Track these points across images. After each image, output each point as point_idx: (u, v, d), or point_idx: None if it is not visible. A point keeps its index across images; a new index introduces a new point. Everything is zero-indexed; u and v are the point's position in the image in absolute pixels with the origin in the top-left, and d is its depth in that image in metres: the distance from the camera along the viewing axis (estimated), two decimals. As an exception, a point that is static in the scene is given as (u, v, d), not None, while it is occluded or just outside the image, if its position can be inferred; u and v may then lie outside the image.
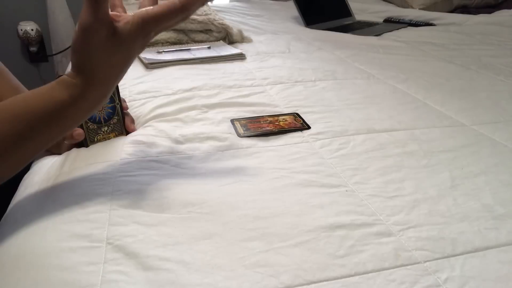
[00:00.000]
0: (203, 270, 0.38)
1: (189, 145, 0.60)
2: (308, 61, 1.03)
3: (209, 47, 1.08)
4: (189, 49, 1.06)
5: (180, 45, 1.11)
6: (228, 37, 1.19)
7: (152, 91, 0.80)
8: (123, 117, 0.63)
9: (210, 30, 1.17)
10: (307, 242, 0.42)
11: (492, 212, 0.48)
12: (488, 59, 1.08)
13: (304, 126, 0.67)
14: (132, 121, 0.65)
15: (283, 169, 0.55)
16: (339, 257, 0.40)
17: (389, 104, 0.77)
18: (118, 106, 0.62)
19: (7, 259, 0.40)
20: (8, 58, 1.93)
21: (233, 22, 1.39)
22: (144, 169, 0.53)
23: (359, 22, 1.58)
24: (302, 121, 0.69)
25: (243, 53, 1.05)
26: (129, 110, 0.70)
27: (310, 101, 0.77)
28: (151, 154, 0.57)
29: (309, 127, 0.67)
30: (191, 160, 0.56)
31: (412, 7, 1.85)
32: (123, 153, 0.57)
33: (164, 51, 1.04)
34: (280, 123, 0.67)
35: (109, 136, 0.62)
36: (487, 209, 0.48)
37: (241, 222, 0.44)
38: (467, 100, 0.80)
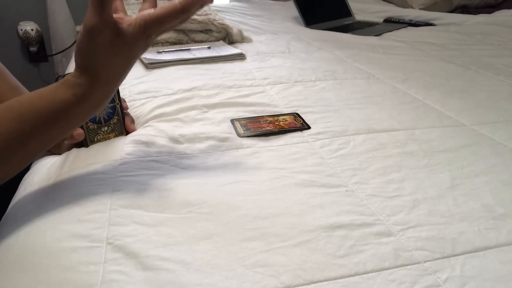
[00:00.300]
0: (203, 270, 0.38)
1: (189, 145, 0.60)
2: (308, 61, 1.03)
3: (209, 47, 1.08)
4: (189, 49, 1.06)
5: (180, 45, 1.11)
6: (228, 37, 1.19)
7: (152, 91, 0.80)
8: (123, 117, 0.63)
9: (210, 30, 1.17)
10: (307, 242, 0.42)
11: (492, 212, 0.48)
12: (488, 59, 1.08)
13: (304, 126, 0.67)
14: (132, 121, 0.66)
15: (283, 169, 0.55)
16: (339, 257, 0.40)
17: (389, 104, 0.77)
18: (118, 106, 0.62)
19: (7, 259, 0.40)
20: (8, 58, 1.93)
21: (233, 22, 1.39)
22: (144, 169, 0.53)
23: (359, 22, 1.58)
24: (302, 121, 0.69)
25: (243, 53, 1.05)
26: (129, 110, 0.70)
27: (310, 101, 0.77)
28: (151, 154, 0.57)
29: (309, 127, 0.67)
30: (191, 160, 0.56)
31: (412, 7, 1.85)
32: (123, 153, 0.57)
33: (164, 51, 1.04)
34: (280, 123, 0.67)
35: (109, 136, 0.62)
36: (487, 209, 0.48)
37: (241, 222, 0.44)
38: (467, 100, 0.80)
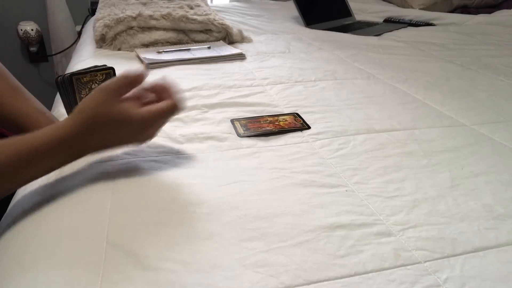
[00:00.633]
0: (203, 270, 0.38)
1: (189, 145, 0.60)
2: (308, 61, 1.03)
3: (209, 47, 1.08)
4: (189, 49, 1.06)
5: (180, 45, 1.11)
6: (228, 37, 1.19)
7: (152, 91, 0.80)
8: None
9: (210, 30, 1.16)
10: (307, 242, 0.42)
11: (492, 212, 0.48)
12: (488, 59, 1.08)
13: (304, 126, 0.67)
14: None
15: (283, 169, 0.55)
16: (339, 257, 0.40)
17: (389, 104, 0.77)
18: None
19: (7, 259, 0.40)
20: (8, 58, 1.93)
21: (233, 22, 1.39)
22: (144, 169, 0.53)
23: (359, 22, 1.58)
24: (302, 121, 0.69)
25: (243, 53, 1.05)
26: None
27: (310, 101, 0.77)
28: (151, 154, 0.57)
29: (309, 127, 0.67)
30: (191, 160, 0.56)
31: (412, 7, 1.85)
32: (123, 153, 0.57)
33: (164, 51, 1.04)
34: (280, 123, 0.67)
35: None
36: (487, 209, 0.48)
37: (241, 222, 0.44)
38: (467, 100, 0.80)
